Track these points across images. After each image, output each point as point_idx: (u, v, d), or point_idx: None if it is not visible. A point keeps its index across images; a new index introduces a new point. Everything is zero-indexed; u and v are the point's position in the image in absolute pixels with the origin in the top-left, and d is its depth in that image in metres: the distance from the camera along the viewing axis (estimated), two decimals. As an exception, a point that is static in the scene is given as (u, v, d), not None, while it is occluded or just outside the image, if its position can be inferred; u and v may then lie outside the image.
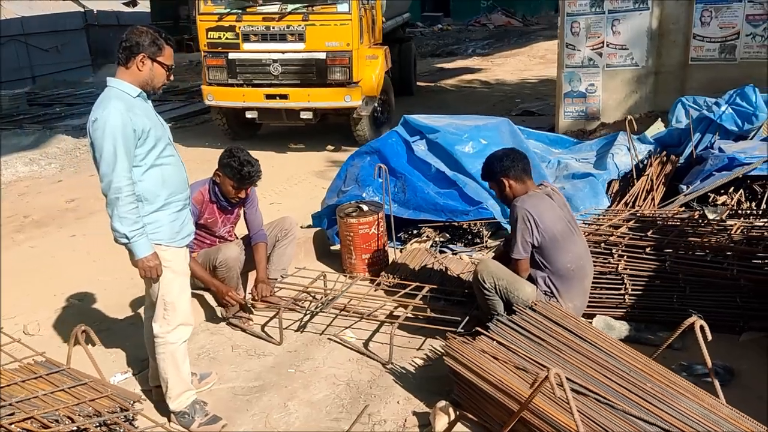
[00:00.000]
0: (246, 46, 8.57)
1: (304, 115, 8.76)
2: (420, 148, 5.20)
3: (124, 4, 29.48)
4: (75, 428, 2.24)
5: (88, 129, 2.74)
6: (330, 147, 9.36)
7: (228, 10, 8.44)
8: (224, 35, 8.59)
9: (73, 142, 10.85)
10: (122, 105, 2.71)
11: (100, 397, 2.44)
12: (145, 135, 2.76)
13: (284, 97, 8.59)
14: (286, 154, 9.15)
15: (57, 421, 2.23)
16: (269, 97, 8.63)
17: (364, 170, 5.15)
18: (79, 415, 2.30)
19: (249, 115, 8.98)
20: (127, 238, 2.72)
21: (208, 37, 8.64)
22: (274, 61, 8.55)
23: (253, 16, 8.47)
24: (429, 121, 5.36)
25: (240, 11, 8.41)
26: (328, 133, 10.05)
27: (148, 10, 29.25)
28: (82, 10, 26.47)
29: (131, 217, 2.70)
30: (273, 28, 8.44)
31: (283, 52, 8.50)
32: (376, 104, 9.05)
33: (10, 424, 2.16)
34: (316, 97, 8.56)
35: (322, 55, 8.41)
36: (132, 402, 2.53)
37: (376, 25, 9.21)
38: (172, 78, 2.94)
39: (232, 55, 8.61)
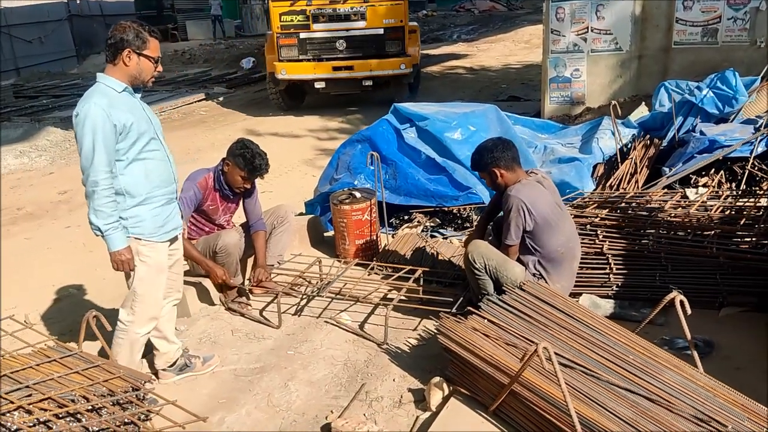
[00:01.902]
0: (315, 26, 10.17)
1: (366, 83, 10.47)
2: (410, 135, 5.32)
3: (107, -7, 29.18)
4: (90, 407, 2.36)
5: (73, 122, 2.82)
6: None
7: None
8: (296, 18, 10.14)
9: (62, 134, 10.87)
10: (104, 100, 2.77)
11: (112, 378, 2.56)
12: (126, 130, 2.81)
13: (349, 68, 10.24)
14: (284, 139, 9.41)
15: (73, 400, 2.35)
16: (336, 69, 10.27)
17: (356, 158, 5.26)
18: (93, 394, 2.42)
19: (317, 85, 10.55)
20: (100, 230, 2.79)
21: (281, 20, 10.18)
22: (340, 37, 10.20)
23: (321, 0, 10.01)
24: (418, 109, 5.47)
25: None
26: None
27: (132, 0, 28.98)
28: (66, 0, 26.19)
29: (106, 211, 2.77)
30: (338, 9, 10.06)
31: (347, 30, 10.15)
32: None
33: (29, 404, 2.27)
34: (377, 66, 10.23)
35: (381, 31, 10.14)
36: (143, 382, 2.65)
37: None
38: (160, 69, 2.98)
39: (303, 35, 10.22)
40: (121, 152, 2.82)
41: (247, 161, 3.88)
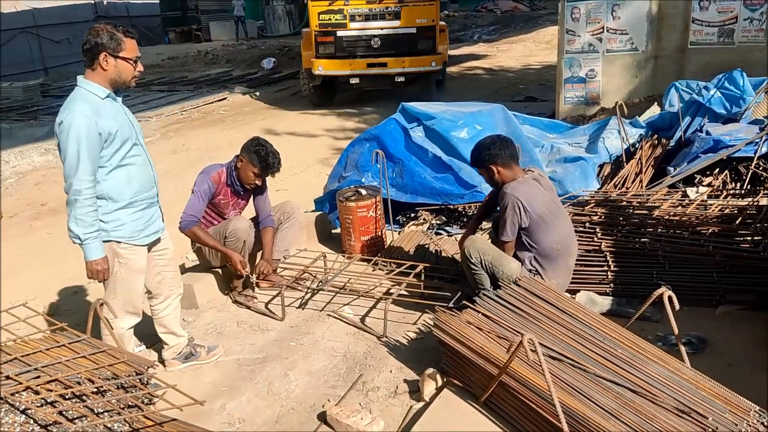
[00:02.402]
0: (352, 24, 10.68)
1: (398, 79, 11.04)
2: (417, 134, 5.41)
3: (133, -6, 29.67)
4: (95, 389, 2.49)
5: (55, 131, 2.80)
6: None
7: None
8: (333, 17, 10.62)
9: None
10: (88, 108, 2.76)
11: (117, 363, 2.68)
12: (111, 137, 2.82)
13: (383, 65, 10.79)
14: (300, 138, 9.48)
15: (79, 383, 2.48)
16: (371, 65, 10.82)
17: (364, 156, 5.37)
18: (98, 378, 2.55)
19: (352, 80, 11.11)
20: (80, 239, 2.83)
21: (320, 19, 10.64)
22: (375, 36, 10.71)
23: (358, 0, 10.54)
24: (426, 108, 5.55)
25: None
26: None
27: (157, 1, 29.46)
28: (93, 1, 26.72)
29: (87, 220, 2.79)
30: (374, 9, 10.59)
31: (381, 29, 10.68)
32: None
33: (37, 386, 2.41)
34: (409, 63, 10.78)
35: (414, 30, 10.66)
36: (146, 367, 2.77)
37: None
38: (140, 69, 2.93)
39: (340, 33, 10.70)
40: (105, 159, 2.84)
41: (261, 158, 4.01)
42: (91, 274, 2.92)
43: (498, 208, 3.60)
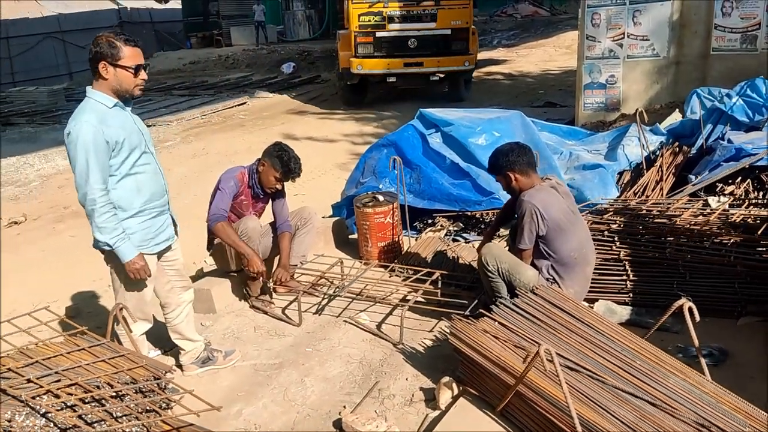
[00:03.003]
0: (390, 26, 11.33)
1: (433, 78, 11.79)
2: (435, 140, 5.40)
3: (156, 0, 30.07)
4: (114, 393, 2.52)
5: (64, 141, 2.82)
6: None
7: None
8: (373, 18, 11.29)
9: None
10: (95, 117, 2.77)
11: (136, 367, 2.72)
12: (119, 146, 2.82)
13: (419, 64, 11.41)
14: (318, 143, 9.50)
15: (98, 386, 2.51)
16: (407, 65, 11.45)
17: (381, 162, 5.38)
18: (117, 382, 2.58)
19: (390, 79, 11.74)
20: (109, 245, 2.85)
21: (359, 20, 11.30)
22: (411, 36, 11.32)
23: (396, 2, 11.21)
24: (444, 115, 5.55)
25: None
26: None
27: (180, 6, 29.80)
28: (117, 7, 27.12)
29: (110, 226, 2.82)
30: (412, 11, 11.24)
31: (418, 30, 11.29)
32: None
33: (57, 389, 2.44)
34: (444, 63, 11.43)
35: (448, 31, 11.30)
36: (164, 372, 2.80)
37: None
38: (143, 77, 2.89)
39: (378, 34, 11.36)
40: (114, 168, 2.85)
41: (283, 163, 4.05)
42: (133, 275, 2.95)
43: (515, 216, 3.59)
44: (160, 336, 3.81)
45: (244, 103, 14.41)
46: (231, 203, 4.10)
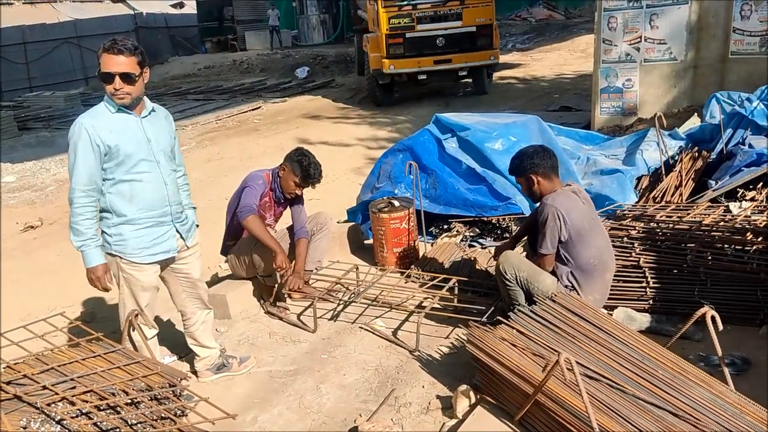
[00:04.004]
0: (419, 26, 11.88)
1: (461, 73, 12.42)
2: (451, 145, 5.37)
3: (171, 6, 30.33)
4: (129, 400, 2.51)
5: None
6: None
7: (407, 2, 11.83)
8: (402, 20, 11.84)
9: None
10: (91, 120, 2.80)
11: (151, 374, 2.71)
12: (112, 150, 2.81)
13: (448, 61, 12.02)
14: (333, 147, 9.52)
15: (113, 393, 2.50)
16: (437, 62, 12.03)
17: (397, 167, 5.35)
18: (132, 389, 2.57)
19: (420, 77, 12.29)
20: (76, 247, 2.87)
21: (390, 23, 11.83)
22: (439, 35, 11.91)
23: (424, 4, 11.81)
24: (460, 119, 5.51)
25: (416, 2, 11.83)
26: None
27: (195, 11, 30.02)
28: (132, 12, 27.35)
29: (80, 229, 2.82)
30: (439, 12, 11.84)
31: (445, 29, 11.88)
32: None
33: (72, 396, 2.43)
34: (471, 58, 12.08)
35: (474, 29, 11.93)
36: (179, 379, 2.78)
37: None
38: (116, 86, 2.77)
39: (408, 35, 11.89)
40: (108, 172, 2.85)
41: (303, 168, 4.05)
42: (89, 282, 2.95)
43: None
44: (176, 341, 3.81)
45: (259, 107, 14.46)
46: (258, 201, 4.09)
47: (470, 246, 4.95)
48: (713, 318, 2.76)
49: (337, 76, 18.33)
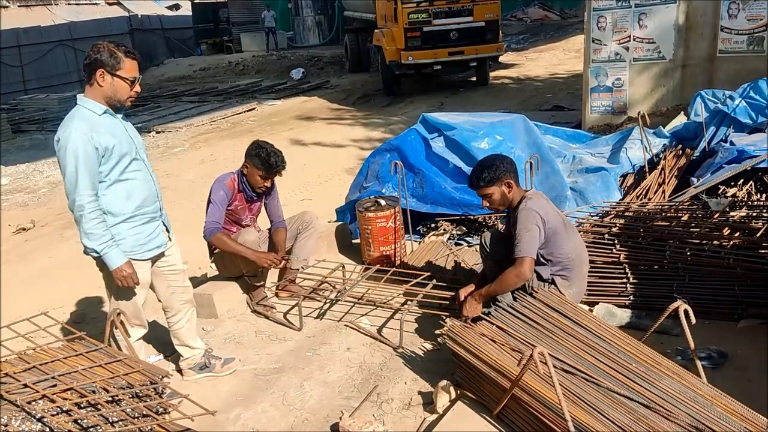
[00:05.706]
0: (435, 21, 13.16)
1: (472, 63, 13.84)
2: (438, 144, 5.40)
3: (167, 8, 30.35)
4: (110, 398, 2.55)
5: (54, 148, 2.86)
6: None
7: None
8: (420, 15, 13.09)
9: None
10: (84, 125, 2.80)
11: (132, 372, 2.74)
12: (108, 153, 2.84)
13: (461, 53, 13.34)
14: (327, 148, 9.52)
15: (94, 391, 2.54)
16: (451, 54, 13.32)
17: (384, 167, 5.39)
18: (113, 386, 2.61)
19: (436, 67, 13.52)
20: (96, 252, 2.88)
21: (409, 18, 13.02)
22: (453, 30, 13.21)
23: (440, 1, 13.05)
24: (447, 119, 5.55)
25: None
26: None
27: (190, 13, 30.02)
28: (127, 14, 27.34)
29: (97, 232, 2.84)
30: (453, 8, 13.14)
31: (458, 24, 13.20)
32: None
33: (53, 394, 2.47)
34: (481, 50, 13.47)
35: (482, 23, 13.29)
36: (161, 376, 2.82)
37: None
38: (137, 90, 2.93)
39: (426, 29, 13.14)
40: (103, 174, 2.88)
41: (263, 160, 4.02)
42: (120, 282, 2.96)
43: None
44: (162, 341, 3.85)
45: (253, 108, 14.49)
46: (225, 211, 4.11)
47: (457, 244, 5.00)
48: (686, 311, 2.80)
49: (332, 77, 18.36)
